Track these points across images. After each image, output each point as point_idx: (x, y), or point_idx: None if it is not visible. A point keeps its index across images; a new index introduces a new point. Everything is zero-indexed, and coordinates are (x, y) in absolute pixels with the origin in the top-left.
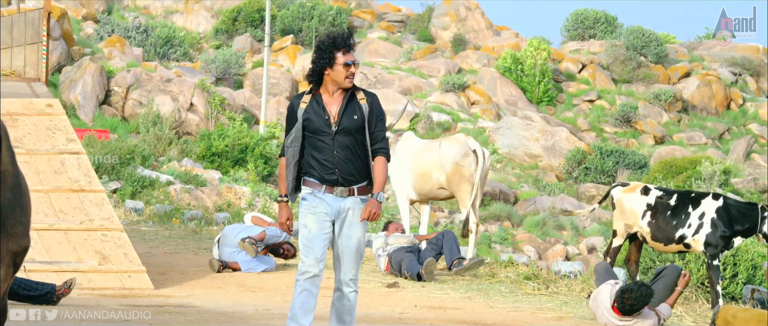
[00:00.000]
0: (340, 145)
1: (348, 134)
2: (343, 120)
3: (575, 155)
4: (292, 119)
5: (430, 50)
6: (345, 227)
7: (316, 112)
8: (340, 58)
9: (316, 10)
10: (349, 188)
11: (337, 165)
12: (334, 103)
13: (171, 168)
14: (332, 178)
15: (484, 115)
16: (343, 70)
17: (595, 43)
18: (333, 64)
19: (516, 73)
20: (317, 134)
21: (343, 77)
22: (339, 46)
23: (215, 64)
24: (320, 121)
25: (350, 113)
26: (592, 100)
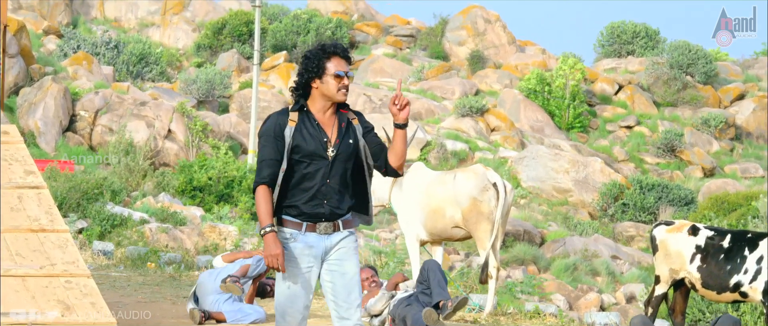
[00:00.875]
0: (335, 172)
1: (345, 160)
2: (341, 144)
3: (611, 189)
4: (275, 139)
5: (444, 69)
6: (334, 264)
7: (312, 133)
8: (330, 68)
9: (313, 23)
10: (333, 223)
11: (328, 195)
12: (329, 122)
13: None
14: (318, 212)
15: (506, 143)
16: (333, 81)
17: (633, 61)
18: (322, 74)
19: (543, 95)
20: (310, 159)
21: (334, 89)
22: (329, 52)
23: (197, 85)
24: (316, 143)
25: (348, 136)
26: (631, 126)
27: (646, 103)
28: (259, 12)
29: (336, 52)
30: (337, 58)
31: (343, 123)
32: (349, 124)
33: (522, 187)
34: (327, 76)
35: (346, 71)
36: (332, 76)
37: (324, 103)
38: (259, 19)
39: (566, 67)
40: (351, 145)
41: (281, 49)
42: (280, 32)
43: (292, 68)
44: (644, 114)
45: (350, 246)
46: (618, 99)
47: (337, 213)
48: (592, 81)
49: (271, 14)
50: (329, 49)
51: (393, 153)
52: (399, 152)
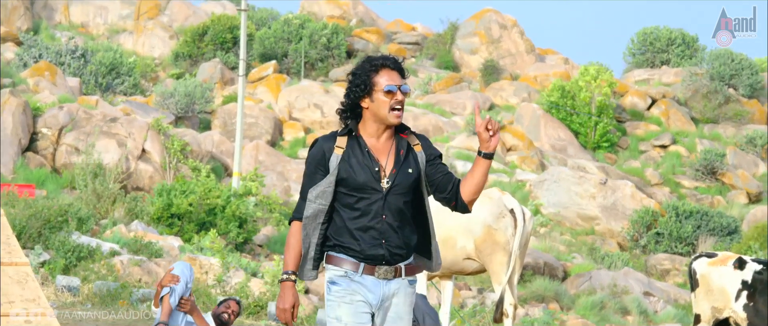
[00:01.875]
0: (391, 207)
1: (402, 193)
2: (398, 174)
3: (643, 217)
4: (317, 169)
5: (454, 80)
6: (388, 321)
7: (361, 162)
8: (380, 82)
9: (306, 29)
10: (395, 267)
11: (385, 234)
12: (383, 149)
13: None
14: (376, 254)
15: (524, 165)
16: (384, 98)
17: (668, 72)
18: (371, 90)
19: (565, 110)
20: (361, 192)
21: (386, 109)
22: (377, 65)
23: (174, 99)
24: (367, 174)
25: (407, 165)
26: (666, 145)
27: (683, 120)
28: (245, 16)
29: (385, 63)
30: (387, 70)
31: (401, 149)
32: (409, 151)
33: (542, 214)
34: (376, 92)
35: (398, 85)
36: (383, 93)
37: (377, 125)
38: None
39: (591, 79)
40: (410, 176)
41: (270, 59)
42: (269, 39)
43: (282, 80)
44: (681, 131)
45: (408, 300)
46: (651, 114)
47: (397, 255)
48: (621, 94)
49: (258, 19)
50: (377, 61)
51: (470, 185)
52: (478, 185)
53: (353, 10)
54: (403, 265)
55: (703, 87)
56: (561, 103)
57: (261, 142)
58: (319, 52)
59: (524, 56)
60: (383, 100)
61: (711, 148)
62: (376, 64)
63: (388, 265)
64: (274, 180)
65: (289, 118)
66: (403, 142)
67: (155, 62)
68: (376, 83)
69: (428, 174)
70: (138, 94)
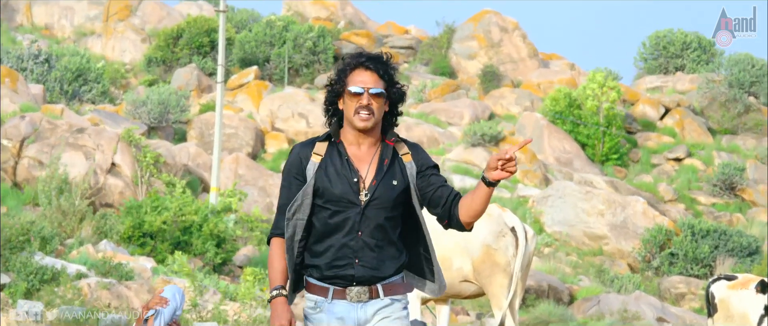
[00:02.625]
0: (369, 223)
1: (383, 208)
2: (379, 186)
3: (656, 236)
4: (294, 178)
5: (450, 87)
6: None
7: (339, 172)
8: (349, 82)
9: (290, 32)
10: (370, 288)
11: (359, 252)
12: (365, 157)
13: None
14: (346, 274)
15: (527, 179)
16: (350, 101)
17: (683, 78)
18: (343, 91)
19: (571, 119)
20: (337, 205)
21: (351, 112)
22: (351, 65)
23: (147, 108)
24: (344, 185)
25: (391, 176)
26: (680, 158)
27: (699, 130)
28: (224, 18)
29: (359, 62)
30: (360, 70)
31: (385, 159)
32: (394, 160)
33: (546, 233)
34: (346, 94)
35: (366, 87)
36: (348, 94)
37: (355, 131)
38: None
39: (599, 86)
40: (394, 188)
41: (251, 64)
42: (250, 43)
43: (264, 87)
44: (697, 143)
45: (394, 315)
46: (664, 125)
47: (374, 275)
48: (631, 103)
49: (238, 21)
50: (352, 59)
51: (469, 208)
52: (477, 210)
53: (341, 11)
54: (380, 286)
55: (720, 95)
56: (566, 112)
57: (241, 155)
58: (304, 56)
59: (526, 61)
60: (349, 102)
61: (729, 162)
62: (350, 62)
63: (360, 285)
64: (255, 196)
65: (272, 128)
66: (389, 151)
67: (126, 68)
68: (347, 83)
69: (420, 187)
70: (107, 102)
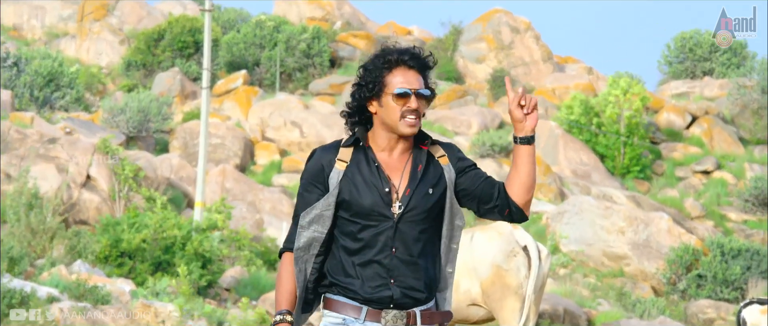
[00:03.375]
0: (404, 238)
1: (419, 220)
2: (413, 196)
3: (682, 256)
4: (314, 187)
5: (457, 93)
6: None
7: (368, 181)
8: (392, 83)
9: (282, 33)
10: (407, 313)
11: (394, 272)
12: (397, 165)
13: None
14: (383, 295)
15: (540, 193)
16: (394, 103)
17: (712, 84)
18: (381, 92)
19: (589, 129)
20: (367, 219)
21: (396, 116)
22: (391, 60)
23: (126, 116)
24: (375, 196)
25: (426, 184)
26: (709, 170)
27: (730, 140)
28: (210, 18)
29: (402, 59)
30: (402, 69)
31: (419, 164)
32: (430, 165)
33: (562, 252)
34: (386, 95)
35: (414, 88)
36: (393, 96)
37: (389, 135)
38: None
39: (619, 92)
40: (430, 197)
41: (239, 68)
42: (238, 45)
43: (253, 93)
44: (727, 154)
45: None
46: (691, 134)
47: (410, 298)
48: (655, 110)
49: (225, 21)
50: (391, 55)
51: (518, 181)
52: (527, 179)
53: (338, 11)
54: (418, 310)
55: (753, 102)
56: (584, 120)
57: (228, 167)
58: (297, 60)
59: (540, 65)
60: (393, 105)
61: (762, 175)
62: (390, 59)
63: (398, 310)
64: (243, 212)
65: (262, 138)
66: (423, 155)
67: (102, 72)
68: (386, 84)
69: (465, 187)
70: (81, 109)
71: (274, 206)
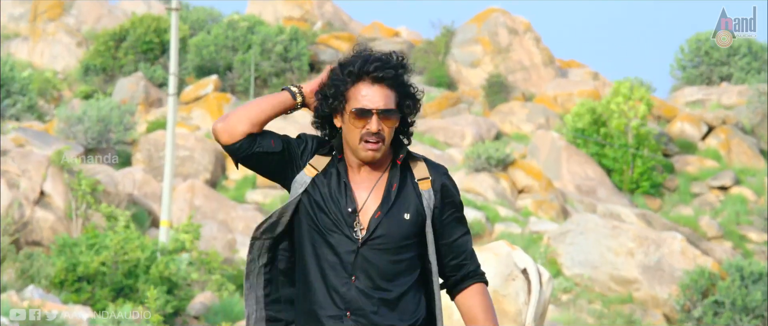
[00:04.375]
0: (367, 267)
1: (388, 249)
2: (383, 221)
3: (697, 280)
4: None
5: (450, 101)
6: None
7: (333, 195)
8: (353, 98)
9: (257, 35)
10: None
11: (352, 303)
12: (365, 182)
13: (5, 302)
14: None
15: (541, 211)
16: (353, 125)
17: (731, 90)
18: (342, 108)
19: (595, 140)
20: (326, 235)
21: (355, 139)
22: (355, 73)
23: (83, 125)
24: (335, 211)
25: (400, 208)
26: (726, 186)
27: (749, 153)
28: (177, 17)
29: (366, 70)
30: (366, 82)
31: (393, 184)
32: (405, 186)
33: (564, 276)
34: (347, 112)
35: (377, 108)
36: (351, 114)
37: (349, 149)
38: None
39: (624, 99)
40: (404, 224)
41: (209, 73)
42: (208, 47)
43: (225, 100)
44: (746, 169)
45: None
46: (707, 146)
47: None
48: (667, 119)
49: (194, 21)
50: (356, 64)
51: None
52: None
53: (318, 10)
54: None
55: None
56: (589, 130)
57: (197, 182)
58: (273, 64)
59: (541, 70)
60: (351, 125)
61: None
62: (352, 70)
63: None
64: (214, 232)
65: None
66: (401, 175)
67: (58, 77)
68: (348, 98)
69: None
70: (35, 119)
71: (248, 225)
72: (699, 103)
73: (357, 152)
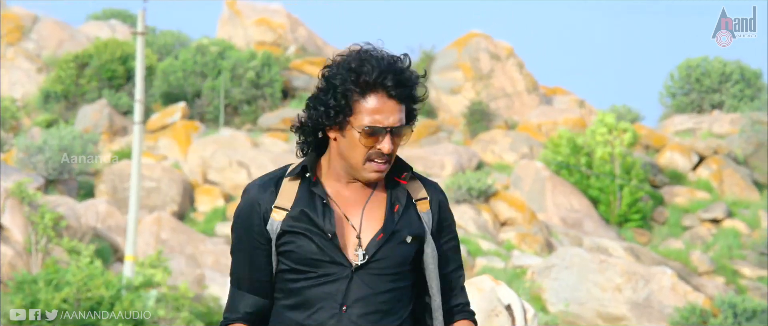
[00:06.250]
0: (361, 294)
1: (384, 274)
2: (387, 243)
3: (688, 317)
4: (249, 241)
5: (429, 129)
6: None
7: (315, 223)
8: (363, 112)
9: (227, 60)
10: None
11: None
12: (357, 199)
13: None
14: None
15: (525, 244)
16: (361, 143)
17: (722, 119)
18: (345, 120)
19: (580, 170)
20: (312, 267)
21: (360, 159)
22: (368, 82)
23: (44, 156)
24: (323, 243)
25: (404, 229)
26: (718, 219)
27: (742, 184)
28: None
29: (381, 82)
30: (380, 94)
31: (396, 204)
32: (409, 210)
33: (549, 312)
34: (351, 128)
35: (389, 126)
36: (361, 133)
37: (347, 172)
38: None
39: (607, 129)
40: (407, 248)
41: (177, 100)
42: (176, 73)
43: (193, 129)
44: (739, 201)
45: None
46: (697, 177)
47: None
48: (656, 149)
49: (161, 46)
50: (369, 74)
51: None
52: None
53: (291, 34)
54: None
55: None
56: (574, 160)
57: (165, 214)
58: (244, 90)
59: (524, 97)
60: (358, 143)
61: None
62: (366, 78)
63: None
64: (182, 267)
65: (204, 181)
66: (400, 191)
67: (16, 104)
68: (355, 112)
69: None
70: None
71: (217, 259)
72: (689, 132)
73: (359, 172)
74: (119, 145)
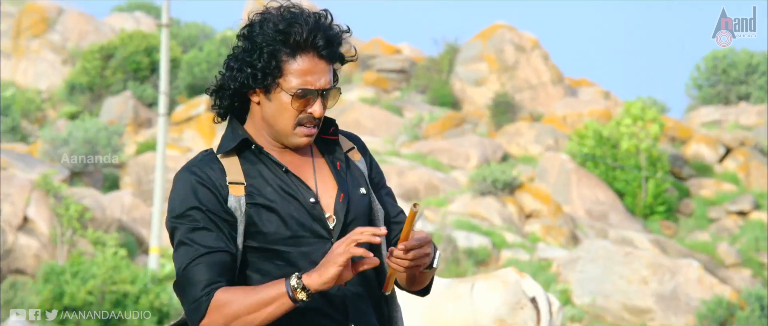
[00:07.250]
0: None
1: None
2: (351, 202)
3: (715, 310)
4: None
5: (454, 121)
6: None
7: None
8: (292, 74)
9: None
10: None
11: (349, 305)
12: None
13: None
14: None
15: (550, 237)
16: (291, 106)
17: (749, 110)
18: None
19: (606, 162)
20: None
21: (289, 123)
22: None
23: (70, 147)
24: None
25: (355, 184)
26: (745, 211)
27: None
28: (168, 34)
29: (314, 43)
30: (310, 55)
31: (337, 161)
32: (349, 161)
33: (574, 305)
34: (279, 90)
35: (320, 87)
36: (290, 94)
37: (274, 134)
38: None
39: (633, 120)
40: (365, 199)
41: (202, 92)
42: (201, 65)
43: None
44: (766, 193)
45: None
46: (724, 169)
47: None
48: (682, 141)
49: (185, 38)
50: (299, 33)
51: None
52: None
53: None
54: None
55: None
56: (600, 152)
57: None
58: None
59: (549, 88)
60: (288, 106)
61: None
62: (296, 38)
63: None
64: None
65: None
66: (334, 147)
67: (42, 96)
68: (284, 73)
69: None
70: (18, 140)
71: None
72: (716, 124)
73: (287, 138)
74: (144, 137)
